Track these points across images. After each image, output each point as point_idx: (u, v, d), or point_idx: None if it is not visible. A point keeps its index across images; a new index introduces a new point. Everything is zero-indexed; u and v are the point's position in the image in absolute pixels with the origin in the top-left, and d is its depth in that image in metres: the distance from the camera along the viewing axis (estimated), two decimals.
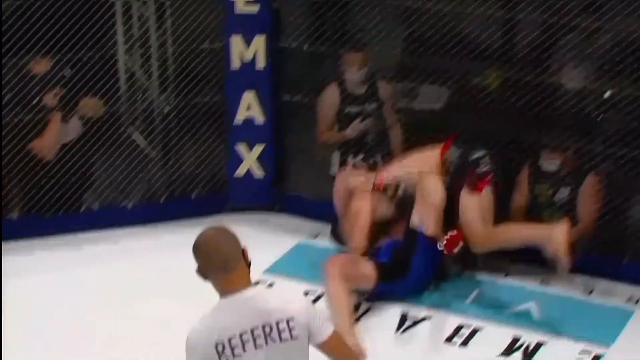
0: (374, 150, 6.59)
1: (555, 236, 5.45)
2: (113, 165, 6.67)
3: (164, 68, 6.77)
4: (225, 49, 6.59)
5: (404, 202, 5.77)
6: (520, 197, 6.23)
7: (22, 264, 6.04)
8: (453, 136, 5.93)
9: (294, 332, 3.39)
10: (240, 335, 3.35)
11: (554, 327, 5.31)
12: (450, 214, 5.68)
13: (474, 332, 5.27)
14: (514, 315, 5.47)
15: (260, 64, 6.60)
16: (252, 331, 3.36)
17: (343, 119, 6.57)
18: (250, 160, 6.70)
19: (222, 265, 3.39)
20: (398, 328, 5.32)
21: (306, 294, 5.64)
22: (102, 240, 6.39)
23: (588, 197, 6.01)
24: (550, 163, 6.03)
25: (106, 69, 6.58)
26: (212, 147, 6.78)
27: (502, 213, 6.20)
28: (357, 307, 5.51)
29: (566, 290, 5.77)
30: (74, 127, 6.53)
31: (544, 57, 6.05)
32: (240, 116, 6.66)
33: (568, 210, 6.07)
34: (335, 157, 6.64)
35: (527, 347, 5.13)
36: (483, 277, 5.93)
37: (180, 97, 6.72)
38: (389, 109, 6.59)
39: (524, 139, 6.12)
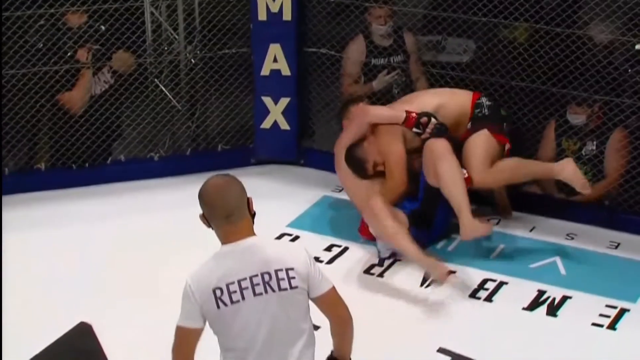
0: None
1: (562, 166, 5.59)
2: (140, 117, 6.69)
3: (190, 19, 6.75)
4: (252, 1, 6.55)
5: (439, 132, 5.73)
6: (546, 151, 6.21)
7: (47, 213, 6.16)
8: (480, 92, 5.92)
9: (293, 282, 3.39)
10: (239, 282, 3.35)
11: (579, 281, 5.31)
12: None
13: (498, 287, 5.27)
14: (539, 270, 5.47)
15: (287, 16, 6.56)
16: (251, 279, 3.37)
17: (369, 72, 6.53)
18: (275, 114, 6.69)
19: (225, 215, 3.41)
20: (422, 283, 5.32)
21: (330, 248, 5.68)
22: (128, 192, 6.42)
23: (615, 151, 5.96)
24: (576, 117, 5.99)
25: (132, 20, 6.56)
26: (238, 99, 6.80)
27: None
28: (381, 261, 5.55)
29: (592, 245, 5.75)
30: (104, 80, 6.56)
31: (573, 9, 5.97)
32: (266, 69, 6.64)
33: (594, 165, 6.04)
34: None
35: (552, 301, 5.12)
36: (508, 231, 5.93)
37: (206, 49, 6.72)
38: (415, 62, 6.55)
39: (551, 93, 6.07)
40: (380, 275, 5.42)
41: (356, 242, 5.76)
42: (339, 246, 5.72)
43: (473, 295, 5.20)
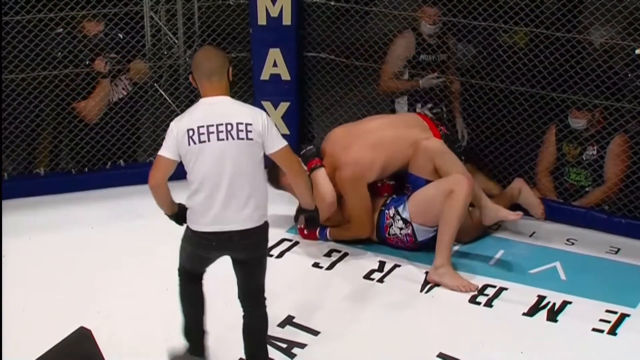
0: (441, 101, 6.55)
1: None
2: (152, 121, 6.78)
3: (190, 24, 6.76)
4: (252, 5, 6.56)
5: None
6: (546, 155, 6.22)
7: (47, 218, 6.18)
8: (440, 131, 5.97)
9: (250, 135, 4.16)
10: (207, 127, 4.15)
11: (579, 287, 5.30)
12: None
13: (498, 292, 5.26)
14: (539, 275, 5.47)
15: (287, 20, 6.56)
16: (217, 126, 4.15)
17: (417, 64, 6.48)
18: (275, 118, 6.68)
19: (207, 75, 4.24)
20: (422, 288, 5.32)
21: (330, 254, 5.68)
22: (126, 197, 6.43)
23: (615, 156, 5.97)
24: (576, 122, 6.00)
25: (130, 25, 6.57)
26: None
27: (529, 171, 6.22)
28: (382, 266, 5.55)
29: (592, 250, 5.75)
30: (122, 87, 6.61)
31: (572, 13, 5.98)
32: (265, 73, 6.65)
33: (595, 169, 6.04)
34: (402, 102, 6.58)
35: (552, 306, 5.11)
36: (507, 237, 5.93)
37: None
38: (452, 64, 6.56)
39: (551, 98, 6.07)
40: (380, 280, 5.41)
41: (355, 247, 5.76)
42: (339, 251, 5.72)
43: (473, 300, 5.19)
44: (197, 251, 4.33)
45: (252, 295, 4.38)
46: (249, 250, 4.31)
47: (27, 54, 6.28)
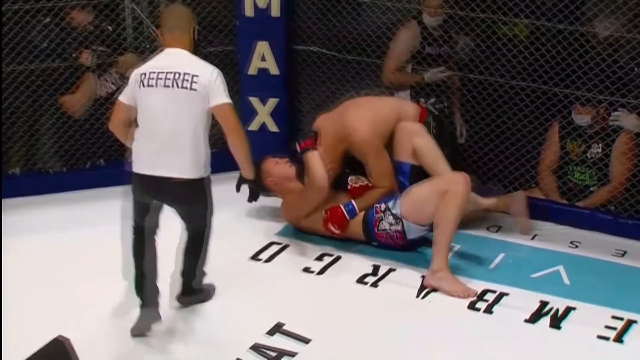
0: (444, 96, 6.58)
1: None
2: None
3: None
4: None
5: None
6: (549, 154, 6.24)
7: (23, 219, 6.14)
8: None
9: (193, 85, 4.58)
10: (158, 73, 4.61)
11: (583, 292, 5.30)
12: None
13: (498, 298, 5.26)
14: (541, 279, 5.47)
15: (275, 11, 6.56)
16: (166, 74, 4.60)
17: (421, 60, 6.50)
18: (263, 115, 6.70)
19: (170, 28, 4.72)
20: (419, 294, 5.32)
21: (321, 258, 5.69)
22: (106, 198, 6.38)
23: (621, 154, 5.99)
24: (581, 118, 6.01)
25: (112, 16, 6.57)
26: None
27: (531, 170, 6.23)
28: (376, 269, 5.55)
29: (597, 253, 5.77)
30: (111, 82, 6.62)
31: (575, 4, 5.98)
32: (253, 68, 6.65)
33: (599, 168, 6.05)
34: (404, 96, 6.58)
35: (555, 312, 5.11)
36: (508, 239, 5.95)
37: None
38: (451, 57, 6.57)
39: (553, 93, 6.08)
40: (374, 285, 5.41)
41: (348, 251, 5.77)
42: (331, 255, 5.72)
43: (472, 306, 5.19)
44: (136, 196, 4.77)
45: (189, 232, 4.87)
46: (182, 203, 4.74)
47: (13, 46, 6.29)
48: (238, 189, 5.86)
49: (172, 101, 4.60)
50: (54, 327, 4.45)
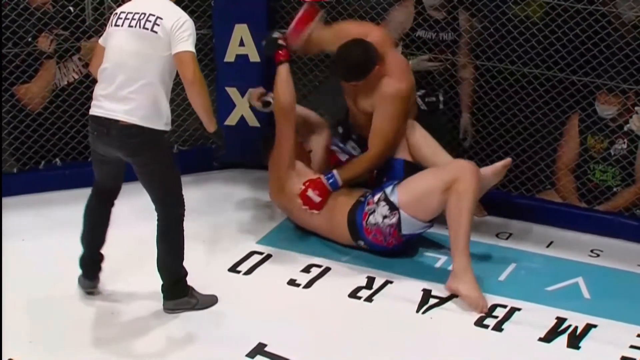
0: (437, 88, 6.57)
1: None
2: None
3: None
4: None
5: None
6: (567, 150, 6.25)
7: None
8: None
9: (155, 28, 4.90)
10: (127, 14, 5.00)
11: (605, 307, 5.32)
12: None
13: (509, 314, 5.28)
14: (558, 293, 5.49)
15: None
16: (134, 14, 4.98)
17: (411, 43, 6.51)
18: (242, 108, 6.70)
19: None
20: (419, 308, 5.33)
21: (309, 269, 5.69)
22: (63, 203, 6.41)
23: None
24: (605, 108, 6.01)
25: None
26: None
27: (545, 170, 6.25)
28: (371, 282, 5.56)
29: (620, 263, 5.79)
30: (73, 69, 6.60)
31: None
32: (230, 54, 6.65)
33: (624, 167, 6.08)
34: None
35: (574, 331, 5.13)
36: (520, 247, 5.97)
37: None
38: (464, 45, 6.55)
39: (571, 82, 6.10)
40: (369, 299, 5.42)
41: (339, 261, 5.78)
42: (319, 266, 5.73)
43: (479, 323, 5.21)
44: (91, 144, 5.14)
45: (155, 202, 5.09)
46: (129, 150, 4.97)
47: None
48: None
49: (132, 41, 4.95)
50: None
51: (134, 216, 5.70)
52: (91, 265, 5.30)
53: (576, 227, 6.14)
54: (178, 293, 5.18)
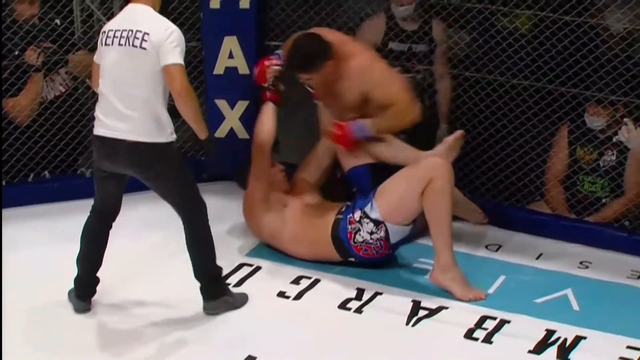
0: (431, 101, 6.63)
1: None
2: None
3: None
4: None
5: None
6: (556, 162, 6.27)
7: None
8: None
9: (144, 44, 4.92)
10: (115, 31, 5.02)
11: (595, 319, 5.34)
12: None
13: (499, 326, 5.28)
14: (547, 305, 5.50)
15: (244, 3, 6.60)
16: (122, 31, 5.00)
17: (384, 56, 6.50)
18: (232, 120, 6.71)
19: None
20: (408, 320, 5.34)
21: (298, 281, 5.71)
22: (53, 215, 6.45)
23: (637, 162, 6.03)
24: (596, 120, 6.03)
25: (58, 8, 6.58)
26: None
27: (535, 181, 6.27)
28: (360, 293, 5.58)
29: (609, 275, 5.81)
30: (60, 82, 6.62)
31: None
32: (220, 67, 6.67)
33: (613, 178, 6.09)
34: None
35: (563, 342, 5.13)
36: (509, 259, 5.99)
37: None
38: (441, 55, 6.59)
39: (560, 93, 6.12)
40: (358, 310, 5.43)
41: (328, 273, 5.79)
42: (309, 278, 5.74)
43: (469, 335, 5.21)
44: (96, 163, 5.18)
45: (176, 209, 5.20)
46: (139, 166, 5.05)
47: None
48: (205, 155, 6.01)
49: (123, 60, 4.98)
50: None
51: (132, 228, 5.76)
52: (87, 287, 5.33)
53: (566, 238, 6.15)
54: (218, 292, 5.31)
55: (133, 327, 5.19)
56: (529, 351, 5.07)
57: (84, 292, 5.32)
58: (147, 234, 6.14)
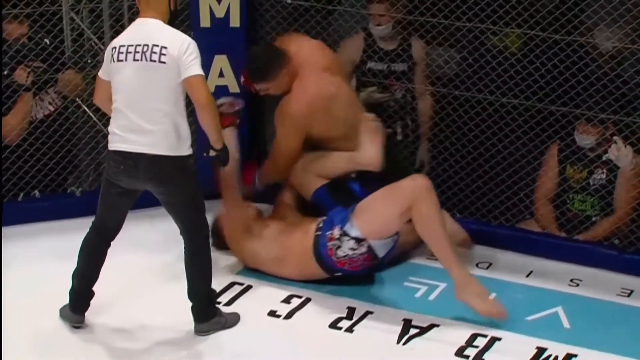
0: (394, 118, 6.65)
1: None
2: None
3: (119, 27, 6.72)
4: (192, 4, 6.61)
5: None
6: (546, 180, 6.28)
7: None
8: None
9: (162, 58, 4.95)
10: (127, 47, 5.01)
11: (585, 337, 5.35)
12: None
13: (490, 344, 5.29)
14: (538, 323, 5.51)
15: (235, 22, 6.61)
16: (135, 46, 4.99)
17: (363, 75, 6.57)
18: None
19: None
20: (399, 339, 5.34)
21: (289, 300, 5.71)
22: (44, 234, 6.44)
23: (627, 181, 6.04)
24: (585, 138, 6.05)
25: (48, 28, 6.59)
26: None
27: (525, 200, 6.28)
28: (351, 312, 5.59)
29: (600, 292, 5.82)
30: (49, 101, 6.64)
31: (573, 12, 6.05)
32: (210, 85, 6.60)
33: (603, 196, 6.11)
34: None
35: None
36: (500, 277, 5.99)
37: None
38: (421, 74, 6.63)
39: (550, 111, 6.14)
40: (349, 329, 5.43)
41: (319, 292, 5.79)
42: (300, 297, 5.74)
43: (460, 353, 5.22)
44: (110, 177, 5.11)
45: (182, 227, 5.22)
46: (159, 180, 5.06)
47: None
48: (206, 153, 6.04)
49: (141, 75, 4.98)
50: None
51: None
52: (82, 301, 5.33)
53: (556, 256, 6.15)
54: (210, 314, 5.30)
55: (123, 347, 5.21)
56: None
57: (78, 305, 5.32)
58: (144, 252, 6.14)
